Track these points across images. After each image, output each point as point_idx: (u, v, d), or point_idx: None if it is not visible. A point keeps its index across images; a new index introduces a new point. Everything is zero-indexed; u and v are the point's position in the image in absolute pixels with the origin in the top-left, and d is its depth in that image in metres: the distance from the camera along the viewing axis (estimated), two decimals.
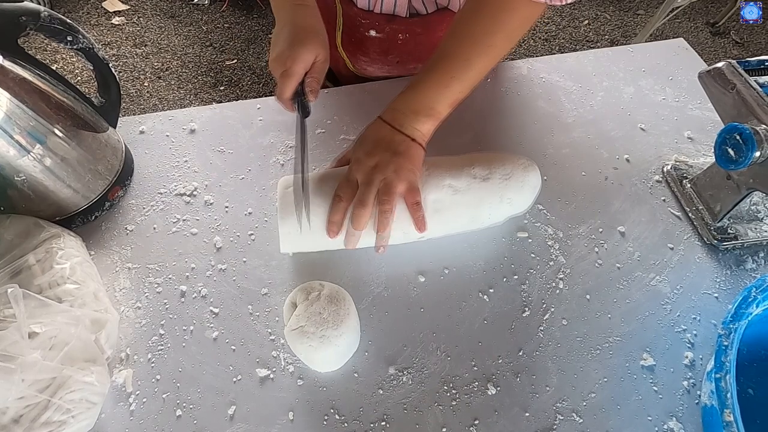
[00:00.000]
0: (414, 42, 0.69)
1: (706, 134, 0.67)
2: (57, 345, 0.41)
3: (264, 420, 0.46)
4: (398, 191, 0.50)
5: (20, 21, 0.48)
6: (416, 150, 0.52)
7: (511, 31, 0.52)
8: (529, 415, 0.46)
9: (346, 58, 0.75)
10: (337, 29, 0.70)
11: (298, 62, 0.52)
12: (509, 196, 0.53)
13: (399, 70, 0.74)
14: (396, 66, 0.73)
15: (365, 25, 0.67)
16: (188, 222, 0.59)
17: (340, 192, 0.50)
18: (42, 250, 0.47)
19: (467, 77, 0.52)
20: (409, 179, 0.50)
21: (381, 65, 0.73)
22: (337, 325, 0.45)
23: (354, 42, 0.71)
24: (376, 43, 0.69)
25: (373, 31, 0.67)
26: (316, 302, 0.46)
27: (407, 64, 0.73)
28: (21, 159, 0.49)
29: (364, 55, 0.72)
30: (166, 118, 0.69)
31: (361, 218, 0.49)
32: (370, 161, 0.51)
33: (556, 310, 0.52)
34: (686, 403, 0.46)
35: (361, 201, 0.49)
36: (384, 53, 0.71)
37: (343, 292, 0.49)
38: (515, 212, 0.55)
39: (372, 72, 0.76)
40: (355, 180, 0.50)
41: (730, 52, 2.16)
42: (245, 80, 2.03)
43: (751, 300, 0.42)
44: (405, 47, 0.69)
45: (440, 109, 0.52)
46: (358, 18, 0.67)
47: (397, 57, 0.71)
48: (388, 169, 0.50)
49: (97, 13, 2.29)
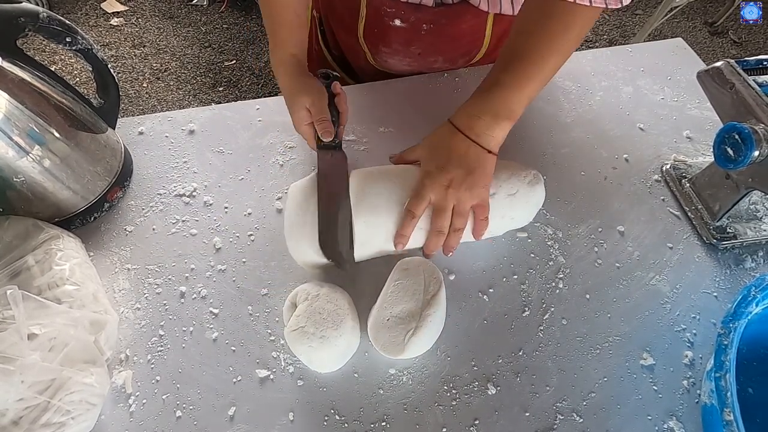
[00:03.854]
0: (437, 33, 0.69)
1: (704, 134, 0.67)
2: (56, 346, 0.41)
3: (264, 421, 0.46)
4: (470, 209, 0.51)
5: (19, 22, 0.48)
6: (491, 162, 0.51)
7: (582, 29, 0.52)
8: (529, 414, 0.46)
9: (367, 50, 0.74)
10: (359, 20, 0.70)
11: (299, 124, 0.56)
12: (512, 215, 0.53)
13: (420, 63, 0.74)
14: (417, 58, 0.73)
15: (390, 14, 0.67)
16: (188, 223, 0.59)
17: (412, 208, 0.49)
18: (41, 251, 0.47)
19: (542, 77, 0.52)
20: (482, 197, 0.51)
21: (402, 57, 0.73)
22: (337, 325, 0.45)
23: (377, 33, 0.71)
24: (400, 34, 0.69)
25: (398, 21, 0.67)
26: (316, 302, 0.46)
27: (428, 56, 0.73)
28: (20, 160, 0.49)
29: (386, 46, 0.72)
30: (165, 119, 0.69)
31: (439, 244, 0.50)
32: (443, 179, 0.50)
33: (555, 309, 0.52)
34: (686, 403, 0.47)
35: (438, 229, 0.50)
36: (407, 44, 0.71)
37: (343, 293, 0.49)
38: (515, 227, 0.56)
39: (393, 65, 0.76)
40: (428, 197, 0.50)
41: (729, 51, 2.17)
42: (244, 81, 2.03)
43: (750, 299, 0.42)
44: (428, 38, 0.69)
45: (518, 111, 0.52)
46: (384, 7, 0.67)
47: (419, 48, 0.71)
48: (461, 189, 0.50)
49: (95, 14, 2.29)
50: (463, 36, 0.70)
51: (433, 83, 0.72)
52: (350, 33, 0.73)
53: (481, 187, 0.50)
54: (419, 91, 0.71)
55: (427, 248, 0.51)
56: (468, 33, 0.70)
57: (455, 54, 0.73)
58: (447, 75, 0.73)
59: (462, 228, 0.50)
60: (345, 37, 0.76)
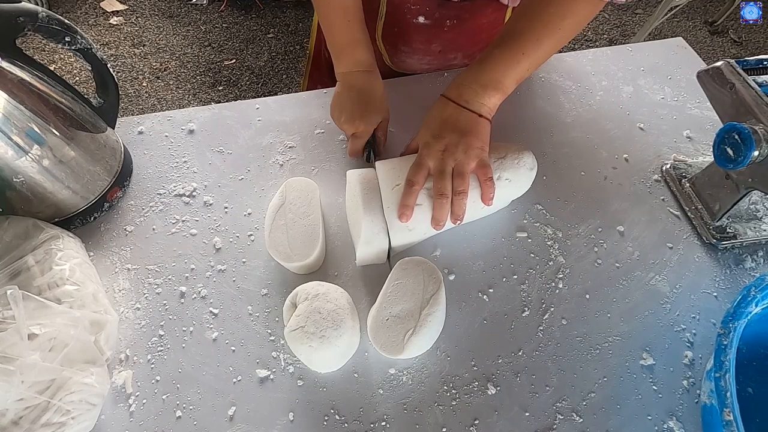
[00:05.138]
0: (459, 29, 0.69)
1: (704, 133, 0.67)
2: (56, 346, 0.41)
3: (264, 421, 0.46)
4: (470, 171, 0.51)
5: (18, 21, 0.47)
6: (484, 125, 0.52)
7: (579, 18, 0.53)
8: (529, 414, 0.46)
9: (384, 52, 0.74)
10: (378, 19, 0.70)
11: (370, 125, 0.59)
12: (507, 176, 0.54)
13: (439, 62, 0.75)
14: (437, 56, 0.73)
15: (414, 11, 0.67)
16: (187, 223, 0.59)
17: (412, 177, 0.50)
18: (41, 251, 0.47)
19: (536, 56, 0.53)
20: (480, 157, 0.51)
21: (422, 56, 0.73)
22: (337, 325, 0.45)
23: (396, 32, 0.71)
24: (422, 31, 0.70)
25: (422, 18, 0.68)
26: (316, 302, 0.46)
27: (448, 54, 0.73)
28: (19, 160, 0.49)
29: (406, 45, 0.72)
30: (164, 119, 0.69)
31: (444, 208, 0.50)
32: (438, 144, 0.51)
33: (555, 309, 0.52)
34: (686, 402, 0.47)
35: (441, 192, 0.50)
36: (428, 42, 0.71)
37: (342, 293, 0.49)
38: (516, 193, 0.56)
39: (410, 65, 0.76)
40: (426, 164, 0.51)
41: (729, 51, 2.17)
42: (244, 80, 2.03)
43: (750, 299, 0.42)
44: (449, 34, 0.70)
45: (508, 83, 0.53)
46: (407, 4, 0.67)
47: (440, 46, 0.72)
48: (457, 151, 0.51)
49: (95, 13, 2.28)
50: (483, 30, 0.71)
51: (432, 83, 0.72)
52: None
53: (478, 147, 0.51)
54: (419, 91, 0.71)
55: (433, 218, 0.51)
56: (487, 27, 0.71)
57: (474, 49, 0.74)
58: (447, 74, 0.73)
59: (464, 190, 0.50)
60: None
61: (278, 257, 0.51)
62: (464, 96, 0.53)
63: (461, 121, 0.52)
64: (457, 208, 0.50)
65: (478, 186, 0.52)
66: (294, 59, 2.11)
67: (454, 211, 0.51)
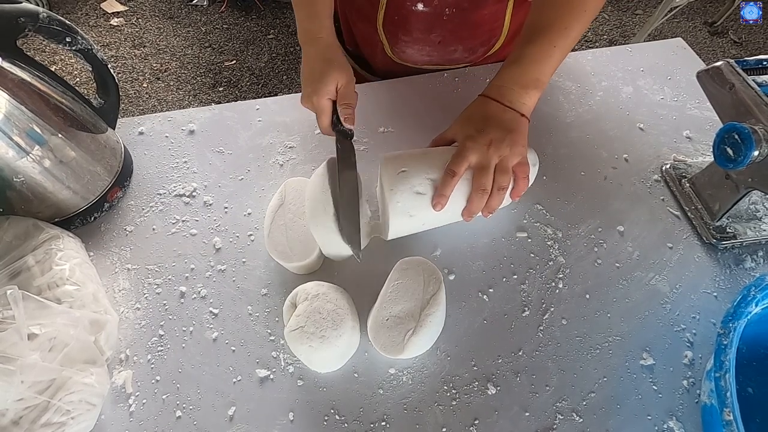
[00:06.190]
0: (459, 19, 0.69)
1: (704, 133, 0.67)
2: (56, 346, 0.41)
3: (264, 420, 0.46)
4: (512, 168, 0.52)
5: (19, 22, 0.48)
6: (525, 125, 0.53)
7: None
8: (529, 414, 0.46)
9: (386, 42, 0.74)
10: (379, 8, 0.70)
11: (322, 96, 0.53)
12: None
13: (439, 53, 0.74)
14: (437, 47, 0.73)
15: None
16: (187, 223, 0.59)
17: (455, 168, 0.50)
18: (41, 251, 0.47)
19: (566, 45, 0.54)
20: (522, 154, 0.52)
21: (422, 46, 0.73)
22: (337, 325, 0.45)
23: (397, 20, 0.71)
24: (421, 19, 0.69)
25: (421, 5, 0.67)
26: (316, 302, 0.46)
27: (448, 46, 0.73)
28: (20, 160, 0.49)
29: (406, 34, 0.72)
30: (165, 119, 0.69)
31: (482, 202, 0.50)
32: (483, 139, 0.51)
33: (555, 309, 0.52)
34: (686, 402, 0.47)
35: (482, 188, 0.50)
36: (428, 30, 0.71)
37: (343, 293, 0.49)
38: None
39: (410, 55, 0.75)
40: (469, 157, 0.50)
41: (729, 51, 2.17)
42: (244, 81, 2.03)
43: (750, 299, 0.42)
44: (449, 25, 0.70)
45: (545, 80, 0.54)
46: None
47: (439, 36, 0.71)
48: (503, 147, 0.51)
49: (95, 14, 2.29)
50: (484, 23, 0.71)
51: (432, 83, 0.72)
52: (368, 23, 0.73)
53: (521, 145, 0.52)
54: (419, 91, 0.71)
55: (468, 210, 0.51)
56: (488, 20, 0.70)
57: (475, 42, 0.73)
58: (447, 75, 0.73)
59: (506, 186, 0.51)
60: (363, 27, 0.76)
61: (278, 257, 0.51)
62: (507, 96, 0.53)
63: (506, 119, 0.52)
64: (496, 202, 0.51)
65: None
66: (294, 60, 2.11)
67: (491, 204, 0.51)
